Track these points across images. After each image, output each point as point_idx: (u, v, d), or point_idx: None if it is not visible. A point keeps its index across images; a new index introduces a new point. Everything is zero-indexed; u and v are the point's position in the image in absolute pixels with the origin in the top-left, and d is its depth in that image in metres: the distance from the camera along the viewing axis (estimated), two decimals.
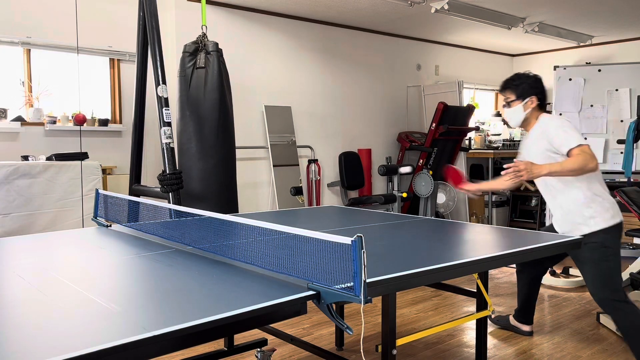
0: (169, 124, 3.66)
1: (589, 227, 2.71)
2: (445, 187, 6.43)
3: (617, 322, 2.71)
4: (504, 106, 2.97)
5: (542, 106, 2.89)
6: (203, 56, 4.00)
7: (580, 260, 2.77)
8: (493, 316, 3.61)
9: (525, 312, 3.38)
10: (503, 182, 2.97)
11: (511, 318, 3.47)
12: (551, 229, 3.01)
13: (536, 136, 2.84)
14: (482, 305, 2.49)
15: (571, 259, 2.87)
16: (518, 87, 2.87)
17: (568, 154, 2.62)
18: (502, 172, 2.60)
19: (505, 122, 7.24)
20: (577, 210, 2.74)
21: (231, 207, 4.10)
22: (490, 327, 3.54)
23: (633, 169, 5.09)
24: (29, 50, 4.60)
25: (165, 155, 3.64)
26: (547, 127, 2.77)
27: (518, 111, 2.87)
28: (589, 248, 2.70)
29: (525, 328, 3.40)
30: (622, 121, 6.04)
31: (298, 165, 5.92)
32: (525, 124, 2.91)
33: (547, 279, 4.63)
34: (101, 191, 2.80)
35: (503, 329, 3.49)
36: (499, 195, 7.31)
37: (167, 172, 3.62)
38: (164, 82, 3.68)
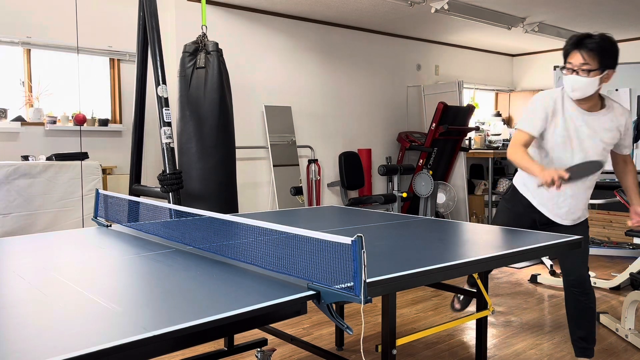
0: (169, 124, 3.66)
1: (586, 214, 2.77)
2: (445, 187, 6.43)
3: (592, 302, 2.71)
4: (571, 70, 2.43)
5: None
6: (203, 56, 4.00)
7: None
8: (457, 307, 3.31)
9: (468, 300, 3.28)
10: None
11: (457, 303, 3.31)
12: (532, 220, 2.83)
13: (610, 124, 2.51)
14: (482, 305, 2.49)
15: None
16: (605, 55, 2.36)
17: (620, 155, 2.65)
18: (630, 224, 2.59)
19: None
20: (587, 199, 2.74)
21: (231, 207, 4.10)
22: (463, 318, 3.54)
23: None
24: (29, 50, 4.60)
25: (165, 155, 3.65)
26: (628, 122, 2.53)
27: (593, 84, 2.39)
28: (586, 228, 2.76)
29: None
30: None
31: (298, 165, 5.92)
32: (587, 99, 2.47)
33: (547, 279, 4.63)
34: (101, 191, 2.80)
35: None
36: (499, 195, 7.30)
37: (167, 172, 3.63)
38: (164, 82, 3.68)
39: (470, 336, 3.37)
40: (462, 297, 3.29)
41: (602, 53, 2.35)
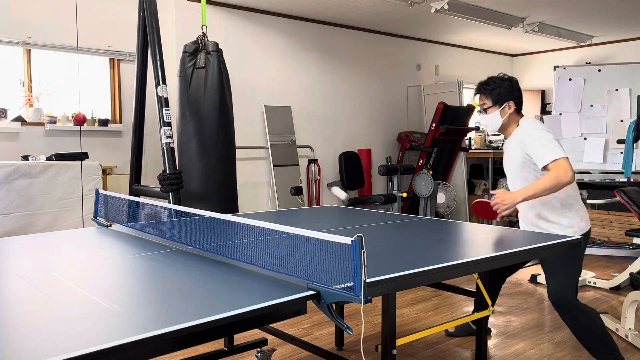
0: (169, 124, 3.66)
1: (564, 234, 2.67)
2: (445, 187, 6.43)
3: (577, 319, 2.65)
4: (479, 112, 2.82)
5: (520, 110, 2.77)
6: (203, 56, 4.00)
7: (548, 263, 2.69)
8: (451, 330, 3.39)
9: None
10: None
11: (470, 324, 3.32)
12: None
13: (514, 144, 2.72)
14: (482, 305, 2.49)
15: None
16: (493, 92, 2.72)
17: (544, 169, 2.56)
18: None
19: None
20: (555, 218, 2.67)
21: (231, 207, 4.10)
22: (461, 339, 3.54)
23: (633, 169, 5.09)
24: (29, 50, 4.60)
25: (165, 155, 3.65)
26: (525, 138, 2.64)
27: (495, 118, 2.74)
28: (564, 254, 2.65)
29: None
30: (622, 121, 6.04)
31: (298, 165, 5.92)
32: (503, 130, 2.78)
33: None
34: (101, 191, 2.80)
35: (465, 336, 3.36)
36: None
37: (167, 172, 3.63)
38: (164, 82, 3.68)
39: (470, 336, 3.37)
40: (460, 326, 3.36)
41: (491, 91, 2.73)
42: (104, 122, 4.86)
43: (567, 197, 2.67)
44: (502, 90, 2.72)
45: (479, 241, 2.24)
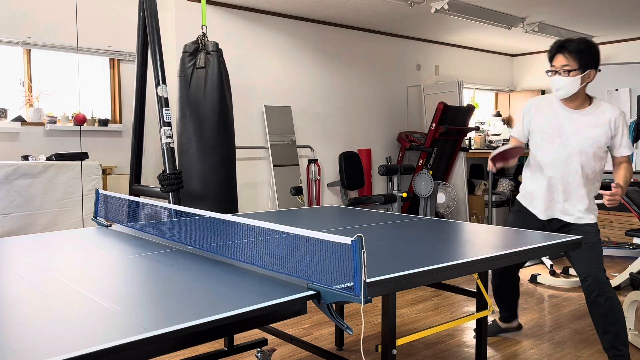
0: (169, 124, 3.66)
1: (593, 218, 2.77)
2: (445, 187, 6.43)
3: (613, 304, 2.67)
4: (554, 72, 2.62)
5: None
6: (203, 56, 4.00)
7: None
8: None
9: (514, 311, 3.35)
10: (514, 160, 2.74)
11: (499, 322, 3.42)
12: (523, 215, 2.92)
13: (602, 121, 2.62)
14: (482, 305, 2.49)
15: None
16: (583, 55, 2.56)
17: (618, 157, 2.66)
18: (604, 196, 2.55)
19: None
20: (591, 201, 2.75)
21: (231, 207, 4.10)
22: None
23: (633, 169, 5.09)
24: (29, 50, 4.60)
25: (165, 155, 3.65)
26: (620, 122, 2.60)
27: (574, 82, 2.57)
28: (593, 232, 2.75)
29: (515, 324, 3.39)
30: None
31: (298, 165, 5.92)
32: (572, 98, 2.65)
33: (547, 279, 4.63)
34: (101, 191, 2.80)
35: (494, 336, 3.41)
36: (499, 195, 7.31)
37: (167, 172, 3.63)
38: (164, 82, 3.68)
39: (470, 336, 3.37)
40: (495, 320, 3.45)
41: (580, 54, 2.55)
42: (104, 122, 4.86)
43: (599, 182, 2.76)
44: (591, 56, 2.57)
45: (479, 241, 2.24)
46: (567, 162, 2.71)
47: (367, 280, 1.47)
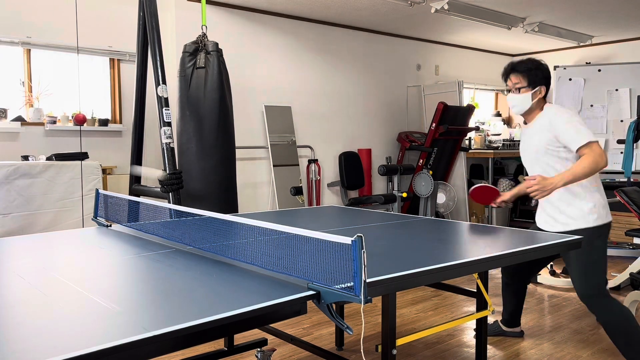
0: (169, 124, 3.67)
1: (586, 222, 2.67)
2: (445, 187, 6.43)
3: (605, 315, 2.66)
4: (509, 91, 2.84)
5: (545, 97, 2.80)
6: (203, 56, 4.00)
7: (569, 255, 2.72)
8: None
9: (516, 317, 3.36)
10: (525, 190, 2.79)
11: (500, 324, 3.42)
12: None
13: (540, 127, 2.73)
14: (482, 305, 2.49)
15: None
16: (530, 73, 2.75)
17: (577, 152, 2.59)
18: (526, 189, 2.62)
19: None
20: (578, 204, 2.68)
21: (231, 207, 4.10)
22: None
23: (633, 169, 5.09)
24: (29, 50, 4.60)
25: (165, 155, 3.65)
26: (555, 120, 2.66)
27: (526, 99, 2.75)
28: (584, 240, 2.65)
29: (517, 329, 3.39)
30: (622, 121, 6.04)
31: (298, 165, 5.93)
32: (528, 113, 2.81)
33: (547, 279, 4.63)
34: (101, 191, 2.80)
35: (495, 336, 3.42)
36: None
37: (167, 172, 3.63)
38: (164, 82, 3.68)
39: (470, 336, 3.37)
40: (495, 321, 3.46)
41: (529, 72, 2.75)
42: (104, 122, 4.86)
43: (589, 181, 2.68)
44: (539, 73, 2.75)
45: (479, 241, 2.24)
46: (532, 174, 2.82)
47: (367, 280, 1.47)
